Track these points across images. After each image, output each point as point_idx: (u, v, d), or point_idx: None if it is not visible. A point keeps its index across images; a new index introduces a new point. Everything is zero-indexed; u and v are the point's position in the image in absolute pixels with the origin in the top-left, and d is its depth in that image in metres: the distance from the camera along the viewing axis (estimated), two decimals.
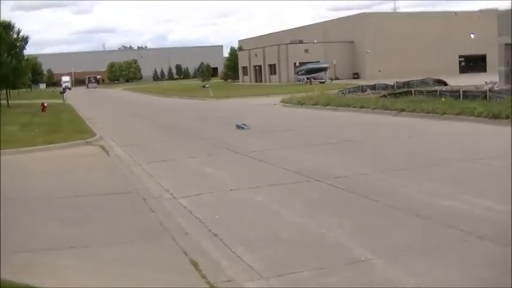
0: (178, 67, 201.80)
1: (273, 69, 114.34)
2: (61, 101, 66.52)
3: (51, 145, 23.71)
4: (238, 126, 28.48)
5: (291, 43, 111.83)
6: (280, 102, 47.33)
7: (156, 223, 11.05)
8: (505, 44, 51.77)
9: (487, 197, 11.92)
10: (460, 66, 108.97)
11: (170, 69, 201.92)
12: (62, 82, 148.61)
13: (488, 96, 30.90)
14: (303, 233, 10.16)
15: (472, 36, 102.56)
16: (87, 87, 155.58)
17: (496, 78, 51.43)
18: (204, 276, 7.99)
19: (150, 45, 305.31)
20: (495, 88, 35.26)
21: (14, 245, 9.55)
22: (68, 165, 19.44)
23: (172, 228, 10.66)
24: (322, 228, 10.33)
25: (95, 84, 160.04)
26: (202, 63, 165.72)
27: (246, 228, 10.71)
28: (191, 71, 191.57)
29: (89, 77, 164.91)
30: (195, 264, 8.45)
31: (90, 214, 12.05)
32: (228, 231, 10.36)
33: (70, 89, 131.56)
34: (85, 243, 9.82)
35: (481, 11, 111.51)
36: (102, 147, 23.45)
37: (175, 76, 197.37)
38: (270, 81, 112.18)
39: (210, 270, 8.24)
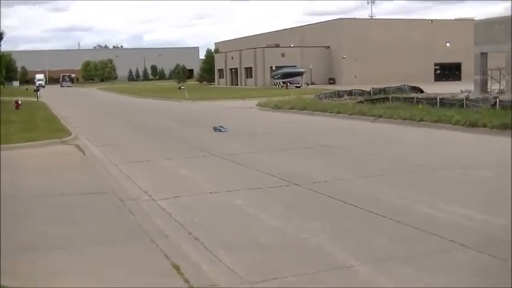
0: (153, 68, 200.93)
1: (249, 72, 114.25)
2: (35, 99, 65.85)
3: (25, 143, 23.39)
4: (215, 129, 28.29)
5: (267, 47, 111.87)
6: (257, 105, 47.26)
7: (135, 225, 10.90)
8: (481, 53, 52.21)
9: (467, 206, 11.90)
10: (435, 74, 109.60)
11: (146, 70, 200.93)
12: (35, 80, 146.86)
13: (465, 104, 31.06)
14: (283, 238, 10.08)
15: (448, 44, 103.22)
16: (62, 85, 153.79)
17: (471, 86, 51.86)
18: (187, 281, 7.87)
19: (125, 45, 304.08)
20: (470, 97, 35.47)
21: None
22: (42, 164, 19.18)
23: (151, 230, 10.52)
24: (303, 233, 10.25)
25: (70, 83, 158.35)
26: (178, 65, 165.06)
27: (226, 231, 10.60)
28: (167, 72, 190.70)
29: (63, 76, 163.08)
30: (176, 268, 8.32)
31: (68, 215, 11.86)
32: (208, 235, 10.24)
33: (44, 87, 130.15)
34: (63, 245, 9.66)
35: (456, 19, 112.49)
36: (78, 147, 23.22)
37: (151, 77, 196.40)
38: (246, 85, 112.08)
39: (192, 273, 8.13)
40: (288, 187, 14.48)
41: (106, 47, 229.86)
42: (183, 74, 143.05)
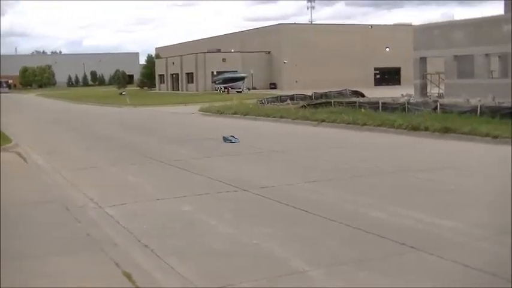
0: (93, 74, 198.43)
1: (190, 77, 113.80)
2: None
3: None
4: (225, 139, 24.97)
5: (208, 52, 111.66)
6: (199, 111, 47.11)
7: (83, 233, 10.68)
8: (420, 58, 53.13)
9: (415, 209, 12.00)
10: (375, 79, 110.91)
11: (85, 76, 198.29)
12: None
13: (406, 108, 31.49)
14: (235, 244, 10.00)
15: (387, 49, 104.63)
16: None
17: (411, 91, 52.71)
18: None
19: (64, 51, 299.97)
20: (411, 101, 36.02)
21: None
22: None
23: (100, 238, 10.32)
24: (254, 238, 10.19)
25: (7, 89, 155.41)
26: (117, 70, 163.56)
27: (175, 238, 10.47)
28: (106, 78, 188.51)
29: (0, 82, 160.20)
30: (128, 276, 8.16)
31: (11, 225, 11.55)
32: (157, 242, 10.10)
33: None
34: (11, 256, 9.37)
35: (395, 25, 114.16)
36: (19, 154, 22.72)
37: (90, 83, 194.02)
38: (187, 90, 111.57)
39: (144, 281, 8.00)
40: (236, 192, 14.42)
41: (44, 52, 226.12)
42: (123, 79, 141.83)
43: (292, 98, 49.27)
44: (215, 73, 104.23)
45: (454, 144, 22.32)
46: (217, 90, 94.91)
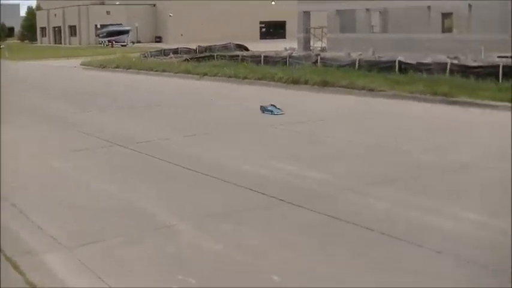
0: None
1: (73, 30, 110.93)
2: None
3: None
4: (264, 110, 19.22)
5: (92, 4, 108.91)
6: (81, 65, 46.00)
7: None
8: (304, 12, 53.58)
9: (291, 163, 12.15)
10: (261, 32, 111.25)
11: None
12: None
13: (288, 62, 31.74)
14: (106, 200, 9.84)
15: (273, 3, 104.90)
16: None
17: (295, 44, 53.18)
18: (1, 250, 7.49)
19: None
20: (294, 54, 36.32)
21: None
22: None
23: None
24: (126, 194, 10.09)
25: None
26: None
27: (45, 196, 10.19)
28: None
29: None
30: None
31: None
32: (25, 200, 9.81)
33: None
34: None
35: None
36: None
37: None
38: (70, 43, 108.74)
39: (7, 241, 7.76)
40: (111, 148, 14.20)
41: None
42: (2, 32, 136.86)
43: (176, 51, 48.76)
44: (99, 26, 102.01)
45: (332, 97, 22.72)
46: (101, 44, 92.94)
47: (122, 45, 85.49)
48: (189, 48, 50.42)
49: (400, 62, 26.06)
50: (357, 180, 10.47)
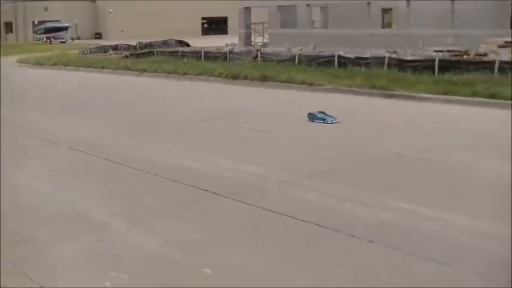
0: None
1: (9, 27, 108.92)
2: None
3: None
4: (313, 118, 16.49)
5: (28, 0, 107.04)
6: (17, 62, 45.15)
7: None
8: (245, 8, 53.61)
9: (220, 156, 12.19)
10: (203, 28, 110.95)
11: None
12: None
13: (228, 57, 31.72)
14: (37, 198, 9.64)
15: None
16: None
17: (236, 40, 53.15)
18: None
19: None
20: (235, 50, 36.29)
21: None
22: None
23: None
24: (58, 192, 9.90)
25: None
26: None
27: None
28: None
29: None
30: None
31: None
32: None
33: None
34: None
35: None
36: None
37: None
38: (6, 40, 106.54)
39: None
40: (45, 146, 13.95)
41: None
42: None
43: (115, 48, 48.24)
44: (36, 23, 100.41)
45: (270, 92, 22.77)
46: (39, 41, 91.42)
47: (61, 42, 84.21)
48: (129, 45, 49.92)
49: (339, 57, 26.28)
50: (292, 174, 10.46)
